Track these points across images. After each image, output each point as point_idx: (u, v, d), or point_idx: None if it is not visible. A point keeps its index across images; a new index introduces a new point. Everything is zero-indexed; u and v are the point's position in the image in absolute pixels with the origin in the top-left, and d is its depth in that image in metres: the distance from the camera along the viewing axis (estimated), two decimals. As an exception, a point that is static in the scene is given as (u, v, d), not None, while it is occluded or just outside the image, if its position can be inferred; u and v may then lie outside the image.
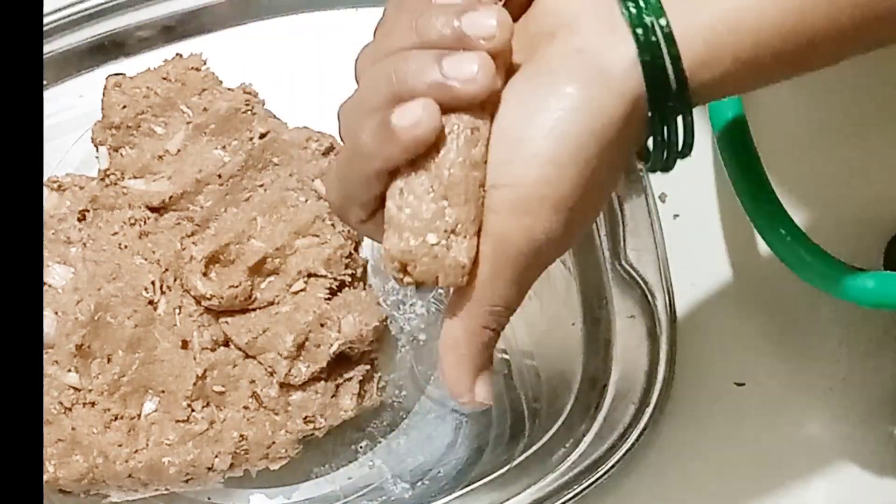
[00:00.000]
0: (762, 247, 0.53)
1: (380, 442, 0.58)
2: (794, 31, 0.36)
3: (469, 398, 0.38)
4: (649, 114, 0.36)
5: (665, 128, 0.37)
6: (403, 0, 0.38)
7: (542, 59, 0.36)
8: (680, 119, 0.37)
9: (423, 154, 0.37)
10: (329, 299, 0.55)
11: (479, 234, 0.37)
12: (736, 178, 0.53)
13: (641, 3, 0.35)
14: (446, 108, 0.36)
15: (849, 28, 0.36)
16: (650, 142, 0.39)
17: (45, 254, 0.54)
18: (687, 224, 0.61)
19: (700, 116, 0.56)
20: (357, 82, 0.39)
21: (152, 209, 0.56)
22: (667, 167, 0.39)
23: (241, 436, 0.54)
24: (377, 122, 0.36)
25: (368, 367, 0.56)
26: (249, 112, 0.57)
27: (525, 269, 0.37)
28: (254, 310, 0.55)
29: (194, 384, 0.53)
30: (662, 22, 0.35)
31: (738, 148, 0.53)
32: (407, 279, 0.38)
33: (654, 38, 0.35)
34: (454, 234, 0.37)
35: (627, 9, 0.35)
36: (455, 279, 0.37)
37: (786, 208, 0.53)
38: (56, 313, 0.53)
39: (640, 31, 0.35)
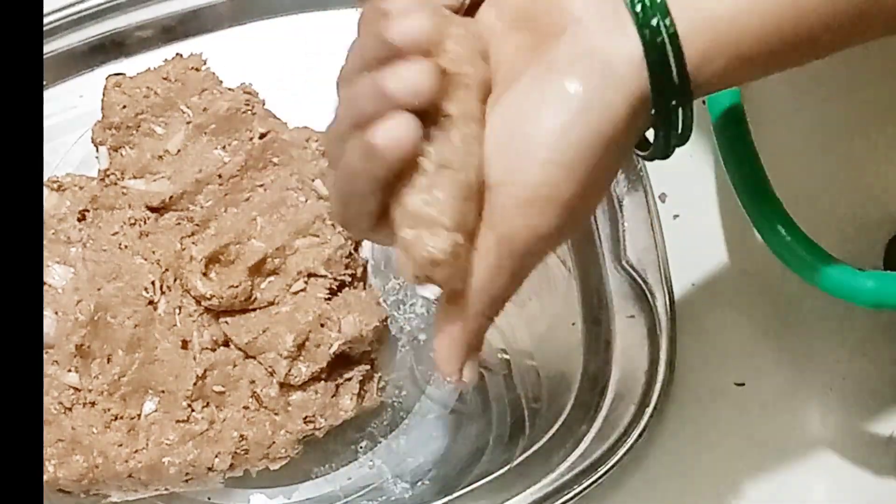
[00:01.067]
0: (762, 247, 0.53)
1: (380, 442, 0.58)
2: (793, 26, 0.36)
3: (456, 377, 0.40)
4: (652, 111, 0.37)
5: (666, 120, 0.37)
6: (360, 21, 0.39)
7: (550, 58, 0.36)
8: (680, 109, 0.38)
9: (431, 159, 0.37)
10: (329, 299, 0.55)
11: (476, 232, 0.37)
12: (736, 178, 0.53)
13: (647, 2, 0.36)
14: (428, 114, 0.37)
15: (848, 21, 0.37)
16: (648, 132, 0.39)
17: (45, 254, 0.54)
18: (687, 224, 0.61)
19: (700, 117, 0.56)
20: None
21: (152, 209, 0.56)
22: (666, 155, 0.40)
23: (241, 436, 0.54)
24: (358, 144, 0.37)
25: (368, 367, 0.56)
26: (249, 112, 0.57)
27: (526, 263, 0.38)
28: (254, 310, 0.55)
29: (194, 384, 0.53)
30: (667, 21, 0.35)
31: (737, 148, 0.53)
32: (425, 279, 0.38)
33: (659, 39, 0.35)
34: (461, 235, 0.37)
35: (634, 8, 0.36)
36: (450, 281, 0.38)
37: (786, 208, 0.53)
38: (56, 313, 0.53)
39: (646, 31, 0.36)
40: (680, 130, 0.38)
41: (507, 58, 0.39)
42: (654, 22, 0.35)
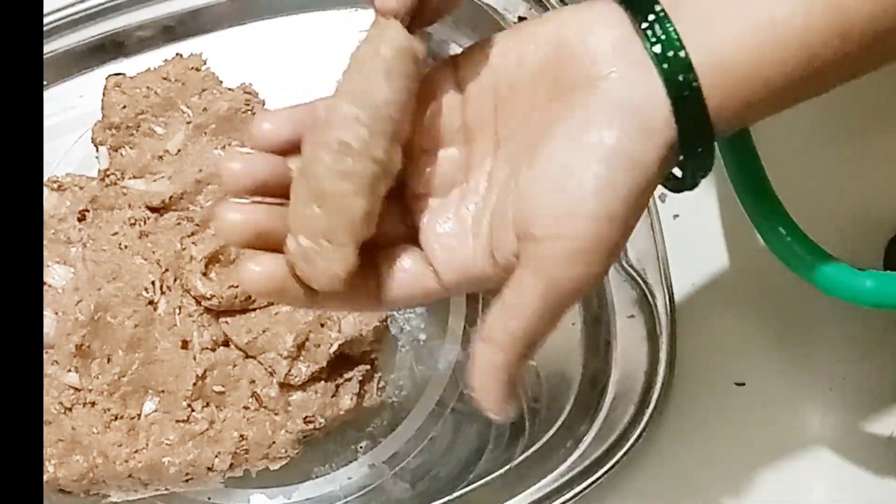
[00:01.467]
0: (762, 247, 0.53)
1: (380, 442, 0.58)
2: (801, 71, 0.37)
3: (504, 417, 0.41)
4: (681, 157, 0.39)
5: (693, 162, 0.39)
6: None
7: (585, 113, 0.38)
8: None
9: (303, 167, 0.39)
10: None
11: (357, 248, 0.39)
12: (736, 178, 0.53)
13: (671, 56, 0.37)
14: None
15: (854, 60, 0.38)
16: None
17: (45, 254, 0.54)
18: (687, 224, 0.61)
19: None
20: None
21: (152, 209, 0.56)
22: (693, 186, 0.41)
23: (241, 436, 0.54)
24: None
25: (368, 367, 0.56)
26: (249, 112, 0.57)
27: (568, 307, 0.39)
28: (254, 310, 0.55)
29: (194, 384, 0.53)
30: (691, 76, 0.37)
31: (738, 148, 0.53)
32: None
33: (686, 93, 0.37)
34: (327, 241, 0.38)
35: (661, 64, 0.37)
36: (326, 285, 0.39)
37: (786, 208, 0.53)
38: (56, 313, 0.53)
39: (673, 86, 0.37)
40: (702, 168, 0.40)
41: (520, 110, 0.40)
42: (679, 77, 0.37)
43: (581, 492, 0.54)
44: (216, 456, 0.53)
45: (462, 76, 0.41)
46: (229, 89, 0.57)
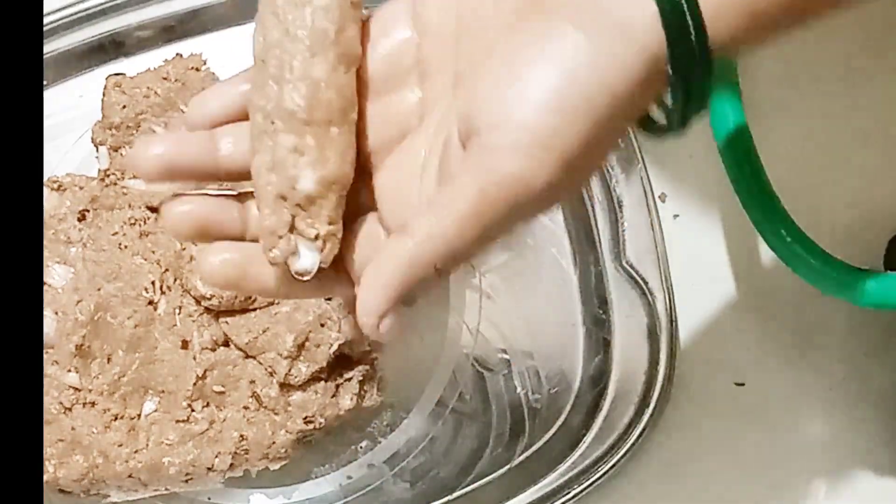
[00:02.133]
0: (762, 247, 0.53)
1: (380, 442, 0.58)
2: None
3: (373, 323, 0.35)
4: (669, 72, 0.34)
5: (684, 84, 0.34)
6: None
7: (552, 7, 0.34)
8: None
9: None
10: (329, 299, 0.55)
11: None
12: (736, 179, 0.53)
13: None
14: None
15: None
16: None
17: (45, 254, 0.54)
18: (687, 224, 0.61)
19: (700, 118, 0.56)
20: None
21: (152, 209, 0.56)
22: (682, 125, 0.37)
23: (241, 436, 0.54)
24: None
25: (368, 367, 0.56)
26: (249, 112, 0.57)
27: (502, 220, 0.34)
28: (254, 310, 0.55)
29: (194, 384, 0.53)
30: None
31: (738, 148, 0.53)
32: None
33: None
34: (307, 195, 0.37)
35: None
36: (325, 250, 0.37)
37: (786, 208, 0.53)
38: (56, 313, 0.53)
39: None
40: (696, 99, 0.35)
41: (484, 40, 0.36)
42: None
43: (581, 492, 0.54)
44: (216, 456, 0.53)
45: (419, 8, 0.37)
46: (229, 89, 0.57)
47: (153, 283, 0.55)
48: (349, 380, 0.56)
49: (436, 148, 0.37)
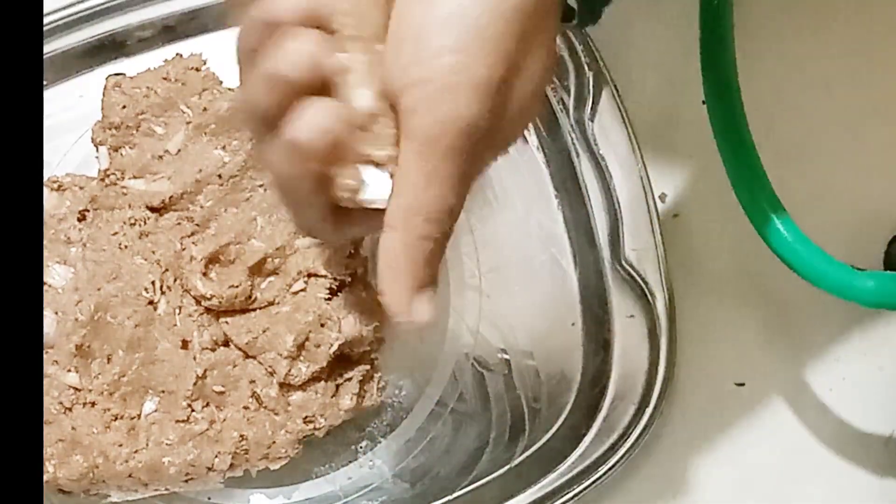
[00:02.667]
0: (762, 247, 0.53)
1: (380, 442, 0.58)
2: None
3: (406, 316, 0.36)
4: None
5: None
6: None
7: None
8: None
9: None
10: (329, 299, 0.55)
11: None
12: (735, 178, 0.53)
13: None
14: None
15: None
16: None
17: (45, 254, 0.54)
18: (687, 224, 0.61)
19: (701, 119, 0.56)
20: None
21: (152, 209, 0.56)
22: (593, 11, 0.37)
23: (241, 436, 0.54)
24: (282, 149, 0.35)
25: (368, 367, 0.56)
26: (249, 112, 0.57)
27: (458, 165, 0.34)
28: (254, 310, 0.55)
29: (194, 384, 0.53)
30: None
31: (737, 148, 0.53)
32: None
33: None
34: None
35: None
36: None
37: (786, 208, 0.53)
38: (56, 313, 0.53)
39: None
40: None
41: None
42: None
43: (581, 492, 0.54)
44: (216, 456, 0.53)
45: None
46: (229, 89, 0.57)
47: (153, 283, 0.55)
48: (349, 380, 0.56)
49: None
